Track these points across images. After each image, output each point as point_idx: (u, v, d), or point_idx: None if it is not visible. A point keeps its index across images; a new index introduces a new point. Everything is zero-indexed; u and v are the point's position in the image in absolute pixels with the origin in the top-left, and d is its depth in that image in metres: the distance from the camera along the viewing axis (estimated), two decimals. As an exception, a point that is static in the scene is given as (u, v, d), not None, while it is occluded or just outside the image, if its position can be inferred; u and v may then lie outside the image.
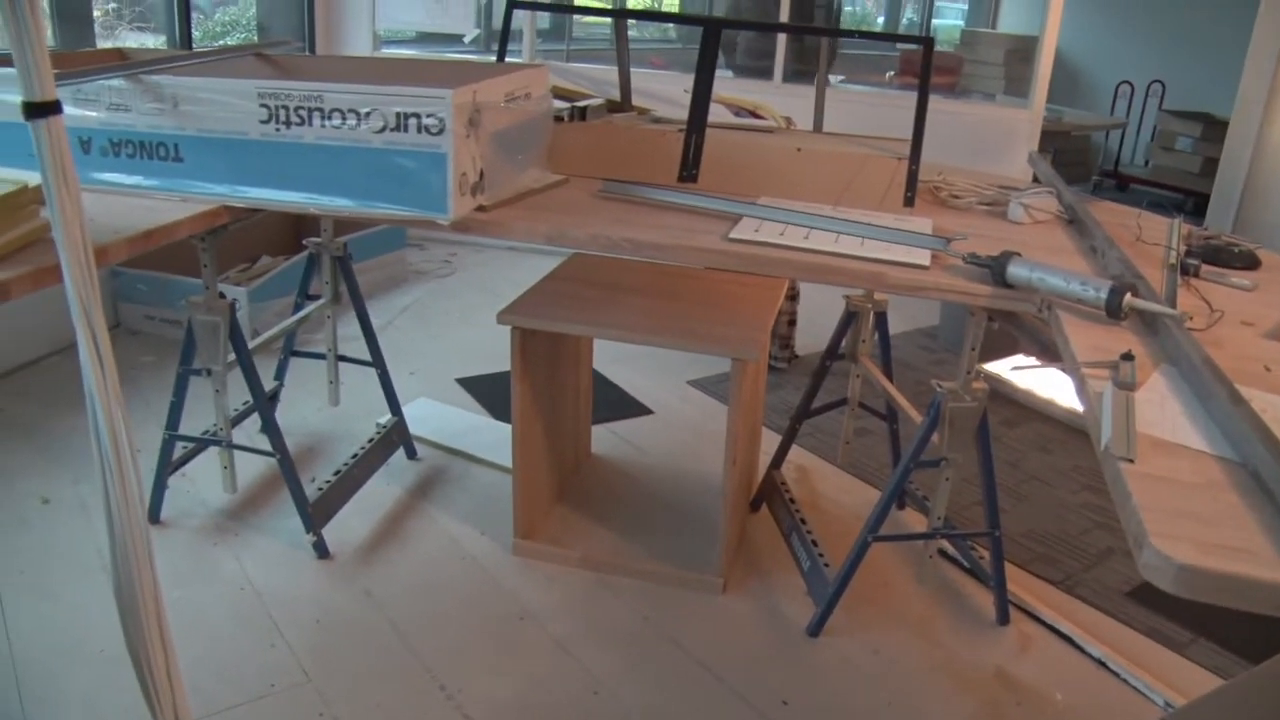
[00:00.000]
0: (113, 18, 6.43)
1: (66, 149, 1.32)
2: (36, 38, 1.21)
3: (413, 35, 6.62)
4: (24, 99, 1.26)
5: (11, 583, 2.74)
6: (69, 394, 3.80)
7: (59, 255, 1.35)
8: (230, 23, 7.54)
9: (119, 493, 1.47)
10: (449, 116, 2.07)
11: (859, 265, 2.14)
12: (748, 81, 5.85)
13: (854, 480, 3.49)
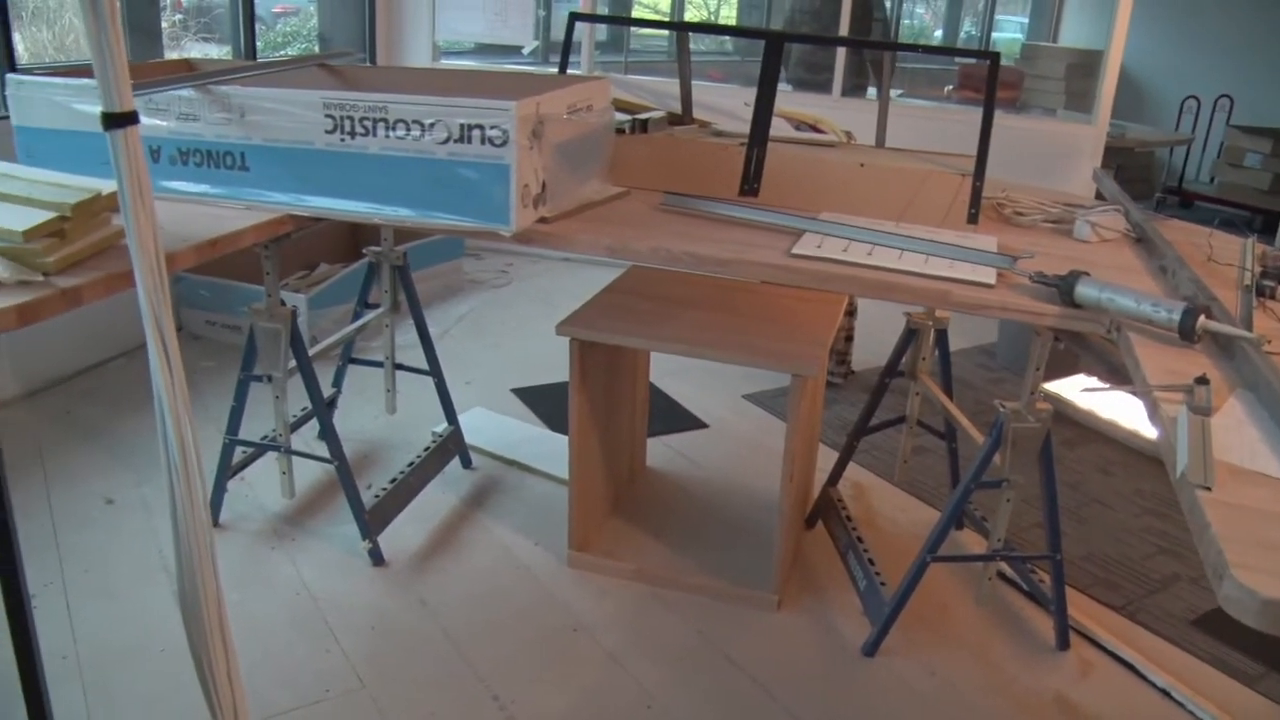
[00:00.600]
0: (179, 29, 6.55)
1: (142, 159, 1.33)
2: (117, 51, 1.22)
3: (471, 46, 6.67)
4: (103, 110, 1.28)
5: (76, 581, 2.78)
6: (133, 396, 3.87)
7: (132, 263, 1.36)
8: (291, 33, 7.64)
9: (185, 499, 1.48)
10: (512, 128, 2.08)
11: (923, 283, 2.12)
12: (805, 95, 5.82)
13: (911, 499, 3.45)
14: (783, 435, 2.69)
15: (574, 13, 2.92)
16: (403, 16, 6.05)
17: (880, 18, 6.43)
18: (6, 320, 1.76)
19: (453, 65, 6.13)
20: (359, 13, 6.04)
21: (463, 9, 5.90)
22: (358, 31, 6.08)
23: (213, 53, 6.30)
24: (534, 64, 6.23)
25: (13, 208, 1.96)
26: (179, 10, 6.60)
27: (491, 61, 6.29)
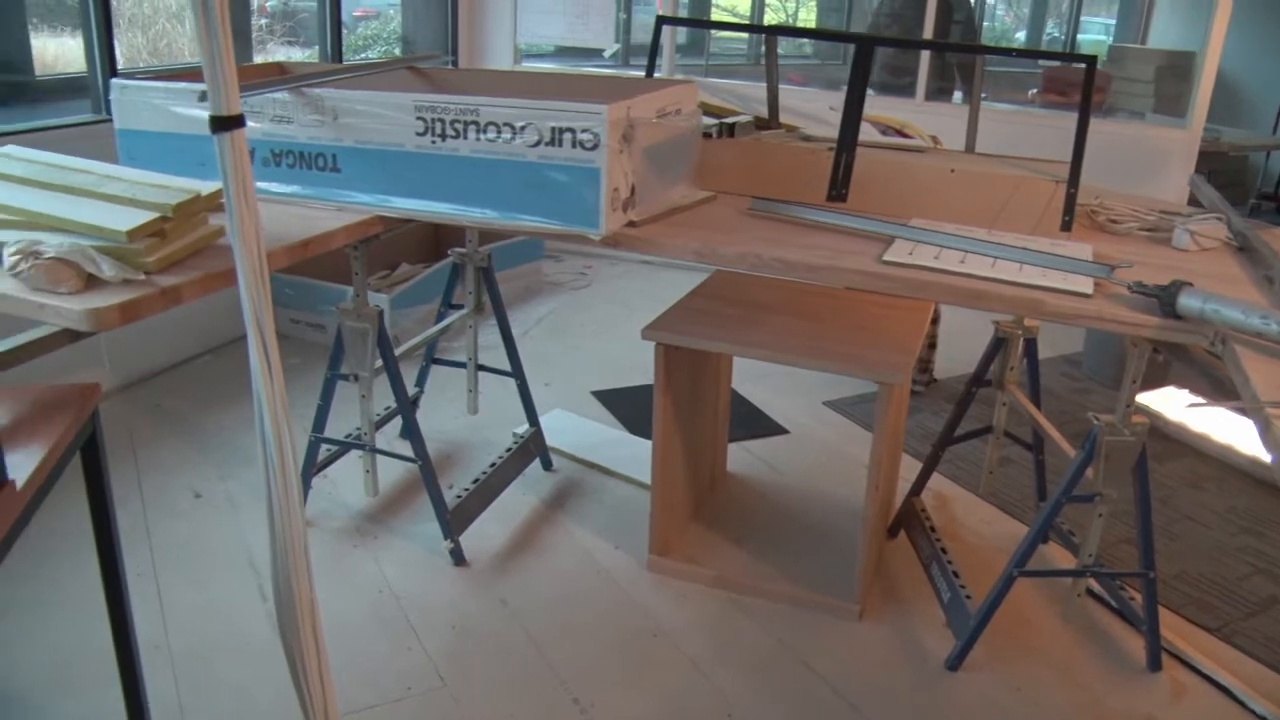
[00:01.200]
0: (265, 33, 6.67)
1: (247, 161, 1.35)
2: (226, 57, 1.24)
3: (551, 49, 6.71)
4: (211, 113, 1.30)
5: (168, 573, 2.84)
6: (220, 392, 3.94)
7: (236, 264, 1.38)
8: (371, 36, 7.75)
9: (281, 498, 1.50)
10: (604, 132, 2.08)
11: (1017, 292, 2.08)
12: (888, 99, 5.76)
13: (995, 511, 3.39)
14: (864, 442, 2.66)
15: (661, 16, 2.92)
16: (485, 19, 6.10)
17: (961, 19, 6.34)
18: (110, 318, 1.80)
19: (534, 68, 6.17)
20: (441, 16, 6.10)
21: (544, 12, 5.93)
22: (440, 34, 6.14)
23: (296, 56, 6.42)
24: (614, 67, 6.24)
25: (116, 208, 2.00)
26: (264, 15, 6.73)
27: (571, 64, 6.31)
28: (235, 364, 4.21)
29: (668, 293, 2.95)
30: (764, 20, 10.63)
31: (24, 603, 2.68)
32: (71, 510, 1.91)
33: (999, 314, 2.86)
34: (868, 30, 7.10)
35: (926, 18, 5.46)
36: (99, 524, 1.94)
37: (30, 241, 1.85)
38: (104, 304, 1.79)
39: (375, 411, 2.94)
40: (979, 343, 2.95)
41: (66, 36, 4.81)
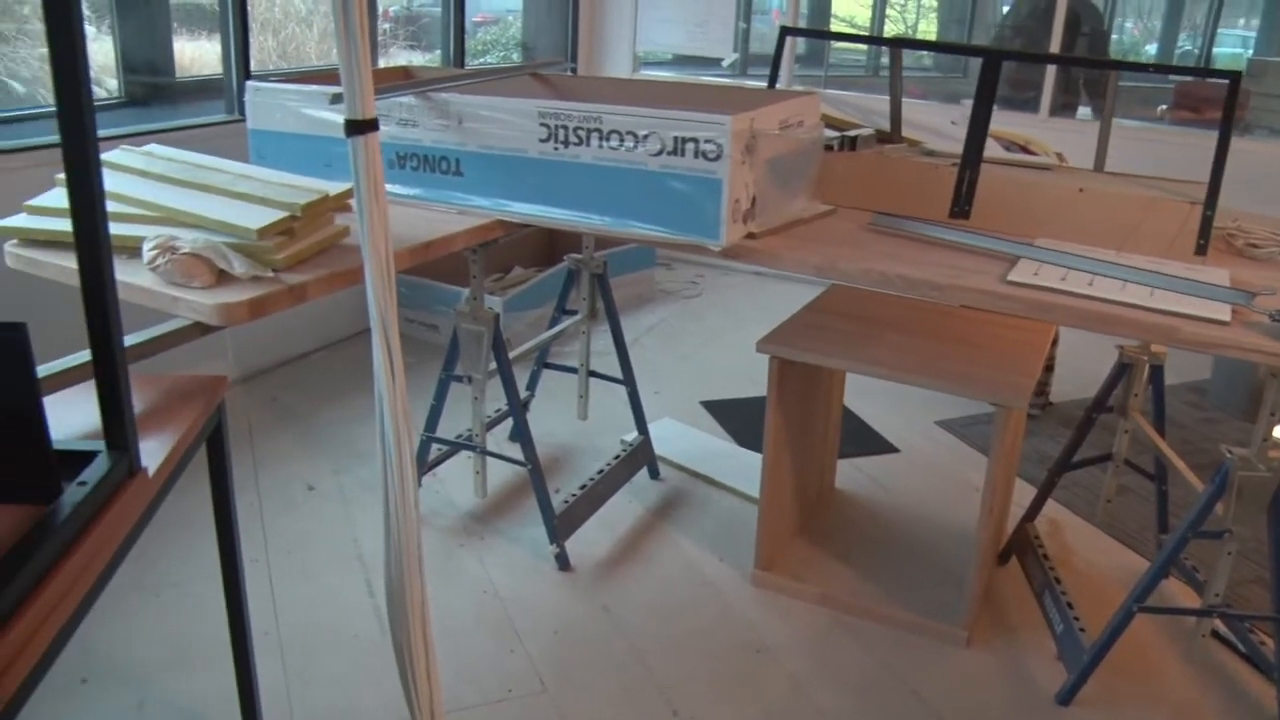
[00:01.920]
0: (388, 37, 6.82)
1: (379, 165, 1.37)
2: (364, 63, 1.26)
3: (669, 57, 6.72)
4: (347, 117, 1.32)
5: (279, 563, 2.91)
6: (333, 387, 4.03)
7: (364, 265, 1.40)
8: (491, 41, 7.84)
9: (398, 499, 1.52)
10: (727, 142, 2.07)
11: (1149, 317, 2.01)
12: (1010, 114, 5.63)
13: (1111, 541, 3.28)
14: (976, 464, 2.60)
15: (785, 27, 2.90)
16: (605, 27, 6.14)
17: (1088, 31, 6.16)
18: (239, 313, 1.85)
19: (652, 76, 6.19)
20: (562, 22, 6.15)
21: (664, 20, 5.94)
22: (560, 40, 6.20)
23: (418, 60, 6.53)
24: (732, 76, 6.22)
25: (248, 206, 2.06)
26: (387, 19, 6.87)
27: (689, 73, 6.31)
28: (350, 360, 4.31)
29: (779, 304, 2.92)
30: (883, 31, 10.51)
31: (146, 584, 2.77)
32: (193, 496, 1.96)
33: (1123, 338, 2.77)
34: (991, 43, 6.97)
35: (1054, 30, 5.32)
36: (220, 512, 1.99)
37: (168, 237, 1.91)
38: (234, 300, 1.84)
39: (486, 413, 2.97)
40: (1097, 365, 2.86)
41: (203, 39, 4.98)
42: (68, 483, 1.37)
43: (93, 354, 1.35)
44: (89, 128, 1.25)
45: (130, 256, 1.95)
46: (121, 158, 2.30)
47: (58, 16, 1.20)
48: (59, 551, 1.27)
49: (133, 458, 1.44)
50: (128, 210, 2.08)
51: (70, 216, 1.32)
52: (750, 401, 4.05)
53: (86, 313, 1.35)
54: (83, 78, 1.23)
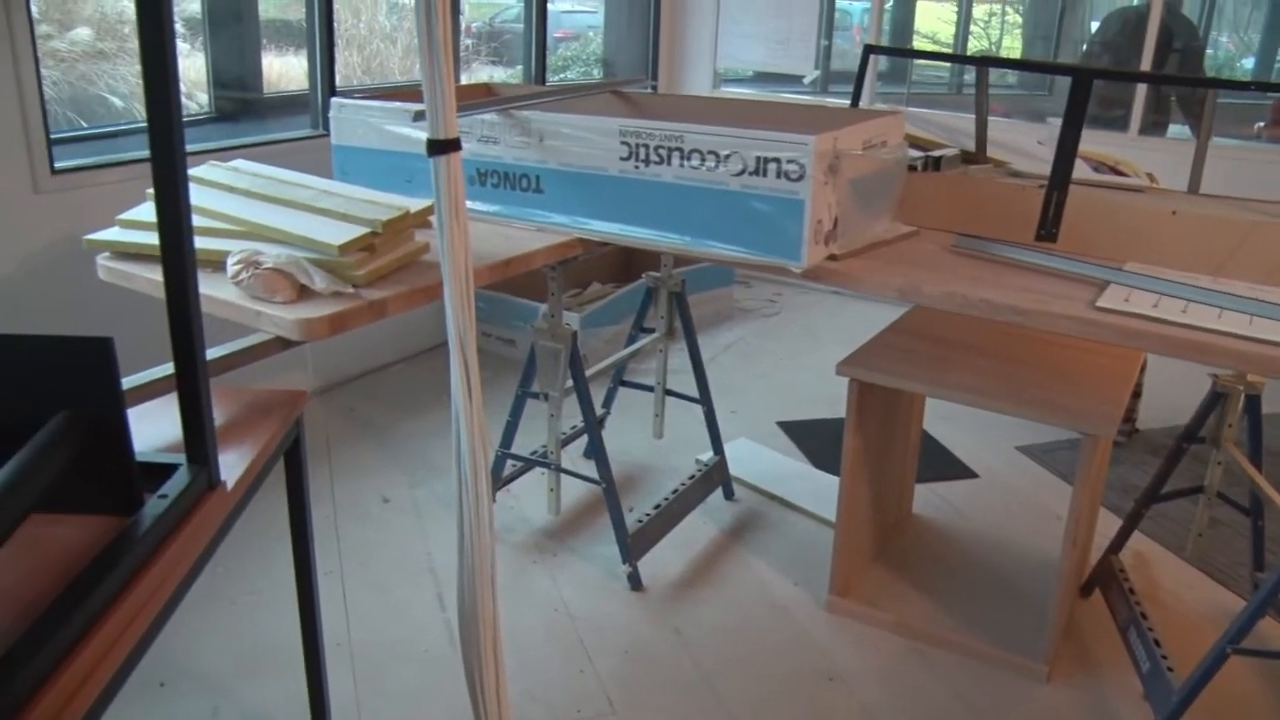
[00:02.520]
0: (470, 53, 6.89)
1: (461, 184, 1.37)
2: (447, 84, 1.26)
3: (749, 74, 6.69)
4: (430, 137, 1.32)
5: (353, 573, 2.93)
6: (411, 400, 4.07)
7: (444, 284, 1.40)
8: (571, 58, 7.89)
9: (472, 518, 1.51)
10: (810, 163, 2.04)
11: (1247, 347, 1.94)
12: (1097, 132, 5.51)
13: (1201, 576, 3.17)
14: (1058, 492, 2.53)
15: (869, 45, 2.87)
16: (686, 43, 6.14)
17: (1181, 47, 6.00)
18: (319, 329, 1.86)
19: (732, 93, 6.17)
20: (642, 39, 6.17)
21: (745, 37, 5.92)
22: (640, 57, 6.21)
23: (499, 75, 6.59)
24: (812, 94, 6.18)
25: (330, 222, 2.08)
26: (469, 35, 6.94)
27: (770, 90, 6.28)
28: (427, 373, 4.34)
29: (858, 323, 2.88)
30: (967, 48, 10.38)
31: (222, 591, 2.81)
32: (270, 505, 1.98)
33: (1220, 368, 2.68)
34: (1080, 60, 6.83)
35: (1145, 47, 5.19)
36: (296, 525, 2.01)
37: (251, 252, 1.94)
38: (315, 315, 1.86)
39: (562, 430, 2.96)
40: (1187, 391, 2.77)
41: (290, 55, 5.08)
42: (149, 495, 1.39)
43: (176, 369, 1.36)
44: (178, 145, 1.27)
45: (215, 270, 1.98)
46: (209, 173, 2.34)
47: (151, 39, 1.22)
48: (139, 563, 1.29)
49: (212, 471, 1.46)
50: (213, 224, 2.12)
51: (157, 227, 1.34)
52: (827, 423, 4.00)
53: (171, 328, 1.36)
54: (173, 97, 1.25)
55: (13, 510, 1.18)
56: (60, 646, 1.12)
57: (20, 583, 1.26)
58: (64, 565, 1.28)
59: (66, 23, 4.38)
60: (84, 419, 1.31)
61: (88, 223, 2.41)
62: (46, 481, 1.24)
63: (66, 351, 1.28)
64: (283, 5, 5.26)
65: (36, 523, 1.32)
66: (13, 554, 1.29)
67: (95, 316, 2.71)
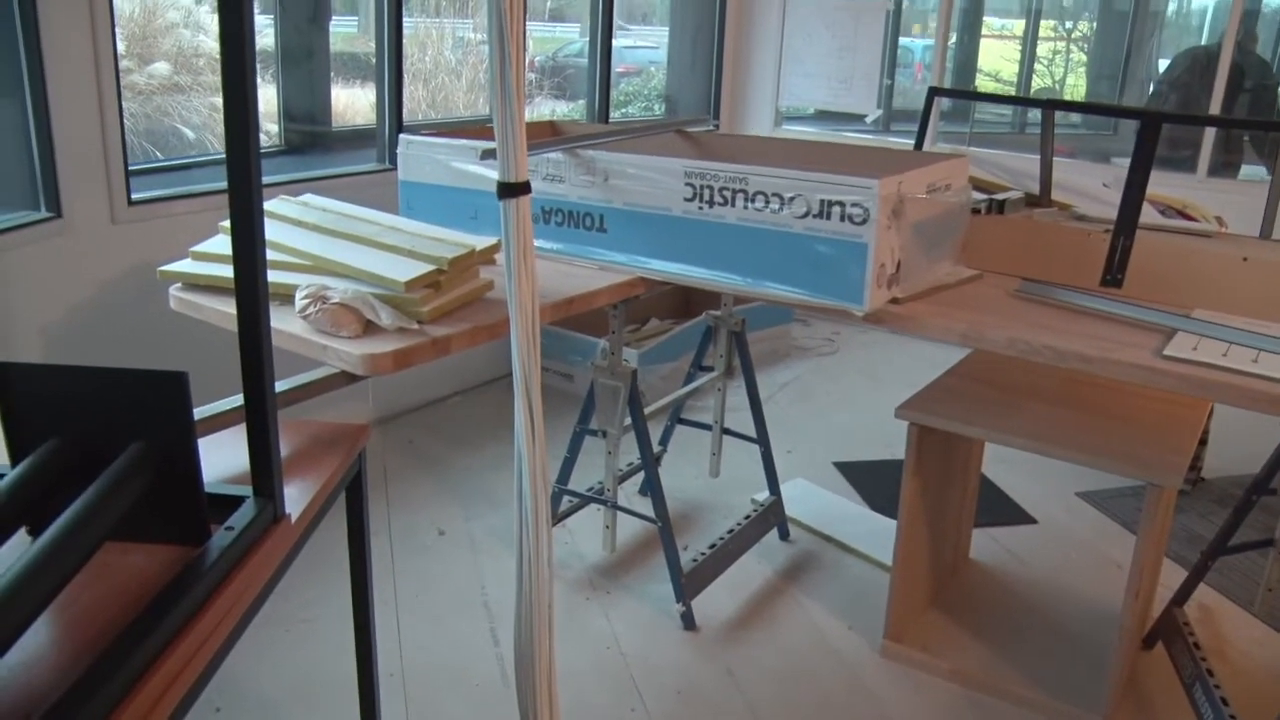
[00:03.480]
0: (533, 87, 6.98)
1: (529, 227, 1.39)
2: (519, 127, 1.28)
3: (811, 112, 6.71)
4: (500, 180, 1.34)
5: (408, 605, 2.95)
6: (469, 433, 4.10)
7: (510, 327, 1.42)
8: (633, 93, 7.94)
9: (532, 559, 1.52)
10: (874, 206, 2.04)
11: (1321, 399, 1.90)
12: (1164, 174, 5.44)
13: (1270, 632, 3.09)
14: (1120, 540, 2.49)
15: (934, 88, 2.87)
16: (748, 81, 6.17)
17: (1252, 86, 5.91)
18: (384, 364, 1.89)
19: (795, 131, 6.18)
20: (705, 76, 6.21)
21: (807, 75, 5.94)
22: (702, 94, 6.25)
23: (562, 109, 6.66)
24: (875, 133, 6.17)
25: (396, 258, 2.11)
26: (533, 69, 7.03)
27: (832, 128, 6.28)
28: (485, 406, 4.37)
29: (916, 364, 2.86)
30: (1030, 87, 10.31)
31: (279, 618, 2.84)
32: (329, 534, 2.00)
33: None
34: (1148, 101, 6.76)
35: (1215, 87, 5.12)
36: (355, 557, 2.03)
37: (319, 286, 1.97)
38: (380, 350, 1.88)
39: (619, 467, 2.97)
40: (1256, 440, 2.71)
41: (356, 87, 5.18)
42: (216, 526, 1.41)
43: (245, 403, 1.39)
44: (255, 182, 1.30)
45: (282, 303, 2.02)
46: (279, 207, 2.39)
47: (234, 78, 1.25)
48: (206, 594, 1.31)
49: (277, 505, 1.48)
50: (283, 258, 2.16)
51: (232, 264, 1.37)
52: (885, 464, 3.97)
53: (243, 363, 1.39)
54: (252, 135, 1.28)
55: (89, 539, 1.21)
56: (130, 674, 1.14)
57: (92, 609, 1.29)
58: (134, 594, 1.31)
59: (146, 57, 4.51)
60: (157, 451, 1.34)
61: (161, 253, 2.48)
62: (120, 512, 1.27)
63: (143, 384, 1.31)
64: (350, 38, 5.37)
65: (109, 550, 1.35)
66: (86, 580, 1.32)
67: (166, 345, 2.78)
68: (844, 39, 5.78)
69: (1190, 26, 9.83)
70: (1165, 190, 4.29)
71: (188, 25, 4.69)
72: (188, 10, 4.67)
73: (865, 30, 5.73)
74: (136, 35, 4.51)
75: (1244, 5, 5.24)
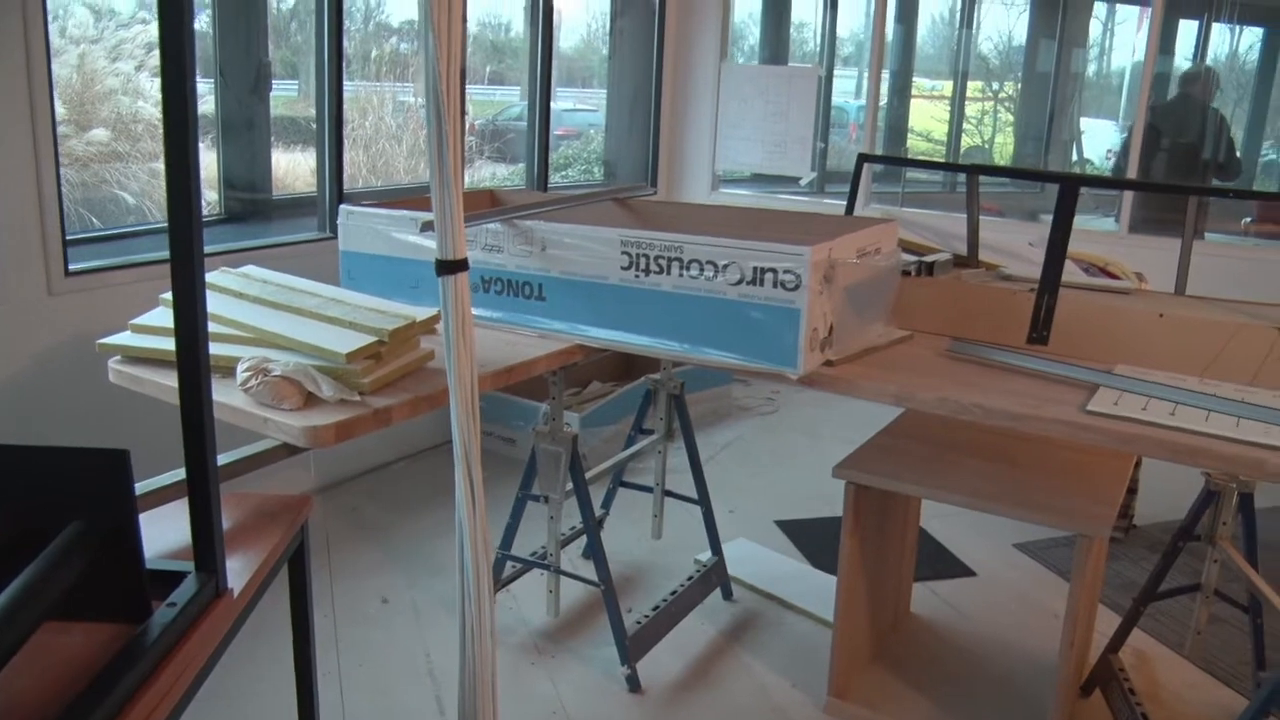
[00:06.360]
0: (474, 151, 7.04)
1: (468, 303, 1.42)
2: (456, 207, 1.32)
3: (748, 175, 6.83)
4: (438, 258, 1.38)
5: (351, 675, 2.92)
6: (412, 499, 4.08)
7: (450, 398, 1.44)
8: (573, 156, 8.03)
9: (475, 626, 1.53)
10: (805, 273, 2.10)
11: (1234, 449, 1.97)
12: (1090, 230, 5.61)
13: (1203, 675, 3.16)
14: (1057, 589, 2.55)
15: (862, 154, 2.96)
16: (685, 145, 6.29)
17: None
18: (326, 436, 1.90)
19: (732, 194, 6.29)
20: (643, 140, 6.31)
21: (744, 140, 6.07)
22: (640, 157, 6.35)
23: (502, 172, 6.71)
24: (809, 195, 6.30)
25: (338, 330, 2.13)
26: (473, 133, 7.09)
27: (767, 190, 6.41)
28: (429, 472, 4.36)
29: (855, 422, 2.92)
30: (960, 145, 10.57)
31: (223, 693, 2.79)
32: (271, 604, 1.99)
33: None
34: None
35: (1131, 151, 5.30)
36: (298, 629, 2.03)
37: (261, 359, 1.98)
38: (321, 423, 1.90)
39: (561, 531, 2.98)
40: (1184, 487, 2.79)
41: (297, 152, 5.20)
42: (157, 602, 1.41)
43: (188, 478, 1.40)
44: (197, 258, 1.32)
45: (225, 376, 2.03)
46: (221, 279, 2.41)
47: (177, 149, 1.27)
48: (148, 672, 1.31)
49: (220, 579, 1.48)
50: (225, 331, 2.17)
51: (173, 336, 1.38)
52: (825, 521, 4.02)
53: (185, 437, 1.40)
54: (194, 208, 1.30)
55: (26, 621, 1.21)
56: (70, 757, 1.14)
57: (29, 691, 1.28)
58: (73, 674, 1.30)
59: (84, 124, 4.50)
60: (97, 529, 1.34)
61: (100, 325, 2.47)
62: (59, 593, 1.27)
63: (83, 463, 1.32)
64: (291, 102, 5.39)
65: (46, 630, 1.34)
66: (23, 662, 1.31)
67: (105, 419, 2.75)
68: (777, 104, 5.93)
69: (1111, 87, 10.13)
70: (1088, 248, 4.44)
71: (127, 92, 4.69)
72: (127, 77, 4.67)
73: (798, 95, 5.88)
74: (74, 101, 4.50)
75: (1154, 68, 5.46)
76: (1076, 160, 9.37)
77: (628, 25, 6.28)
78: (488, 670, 1.58)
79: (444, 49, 1.32)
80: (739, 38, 7.47)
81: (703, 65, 6.15)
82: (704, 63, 6.14)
